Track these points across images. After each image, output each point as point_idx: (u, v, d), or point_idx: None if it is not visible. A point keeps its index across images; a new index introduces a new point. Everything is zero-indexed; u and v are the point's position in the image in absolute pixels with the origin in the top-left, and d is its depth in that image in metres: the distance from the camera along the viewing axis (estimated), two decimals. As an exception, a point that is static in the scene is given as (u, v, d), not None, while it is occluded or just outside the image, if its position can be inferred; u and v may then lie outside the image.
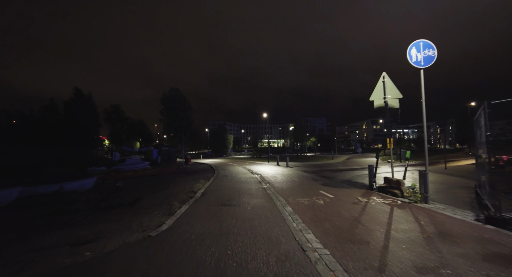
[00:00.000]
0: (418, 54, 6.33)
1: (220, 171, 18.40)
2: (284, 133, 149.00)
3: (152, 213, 6.68)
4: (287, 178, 12.96)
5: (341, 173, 16.07)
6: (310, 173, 15.64)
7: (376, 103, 8.16)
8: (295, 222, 5.00)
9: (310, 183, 10.83)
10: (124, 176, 22.61)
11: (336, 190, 8.82)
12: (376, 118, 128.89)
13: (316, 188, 9.35)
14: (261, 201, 7.20)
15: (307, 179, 12.57)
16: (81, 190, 14.34)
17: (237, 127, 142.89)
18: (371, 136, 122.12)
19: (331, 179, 12.51)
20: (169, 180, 15.52)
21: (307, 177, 13.49)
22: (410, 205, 6.38)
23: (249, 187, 10.16)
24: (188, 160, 36.62)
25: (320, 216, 5.42)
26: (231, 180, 12.58)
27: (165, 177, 19.04)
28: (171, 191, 10.60)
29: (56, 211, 8.50)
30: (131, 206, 8.40)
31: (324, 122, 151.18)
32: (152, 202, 8.46)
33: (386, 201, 6.91)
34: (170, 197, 9.09)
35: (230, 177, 14.06)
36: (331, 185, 10.26)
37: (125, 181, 18.17)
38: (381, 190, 8.27)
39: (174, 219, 5.47)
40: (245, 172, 16.99)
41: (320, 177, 13.31)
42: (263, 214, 5.73)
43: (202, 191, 9.35)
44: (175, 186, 12.25)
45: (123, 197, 10.04)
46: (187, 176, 16.97)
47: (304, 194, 8.24)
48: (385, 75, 8.04)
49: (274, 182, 11.61)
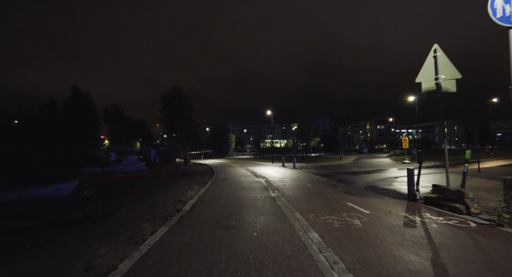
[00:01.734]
0: (506, 6, 4.24)
1: (219, 174, 16.39)
2: (286, 133, 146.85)
3: (119, 236, 4.67)
4: (298, 183, 10.89)
5: (358, 176, 13.97)
6: (323, 176, 13.56)
7: (424, 86, 6.07)
8: (334, 269, 2.95)
9: (328, 190, 8.76)
10: (115, 178, 20.74)
11: (367, 201, 6.75)
12: (380, 118, 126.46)
13: (340, 198, 7.27)
14: (271, 220, 5.15)
15: (323, 184, 10.50)
16: (59, 196, 12.46)
17: (239, 127, 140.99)
18: (375, 137, 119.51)
19: (351, 185, 10.43)
20: (162, 184, 13.56)
21: (321, 181, 11.42)
22: (496, 230, 4.28)
23: (253, 195, 8.11)
24: (188, 161, 34.81)
25: (371, 254, 3.36)
26: (231, 186, 10.55)
27: (159, 179, 17.09)
28: (158, 199, 8.61)
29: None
30: (102, 221, 6.41)
31: (327, 122, 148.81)
32: (127, 218, 6.45)
33: (450, 221, 4.82)
34: (153, 208, 7.09)
35: (230, 181, 12.03)
36: (355, 192, 8.19)
37: (114, 184, 16.28)
38: (429, 202, 6.18)
39: (136, 257, 3.43)
40: (247, 175, 14.96)
41: (337, 182, 11.22)
42: (277, 247, 3.68)
43: (194, 201, 7.31)
44: (165, 192, 10.27)
45: (96, 208, 8.04)
46: (182, 179, 15.00)
47: (328, 207, 6.18)
48: (437, 49, 5.94)
49: (283, 188, 9.55)
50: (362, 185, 10.41)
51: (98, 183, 17.28)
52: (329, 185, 10.04)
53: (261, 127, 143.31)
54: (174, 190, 10.30)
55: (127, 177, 21.15)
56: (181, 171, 22.57)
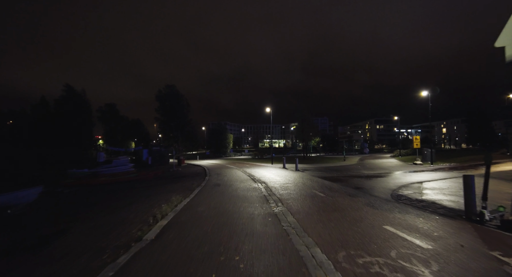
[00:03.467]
0: None
1: (212, 177, 14.32)
2: (285, 133, 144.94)
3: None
4: (306, 190, 8.84)
5: (373, 181, 11.94)
6: (333, 181, 11.51)
7: (510, 52, 4.03)
8: None
9: (348, 203, 6.71)
10: (97, 181, 18.59)
11: (412, 223, 4.71)
12: (380, 118, 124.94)
13: (370, 217, 5.23)
14: (276, 267, 3.09)
15: (337, 192, 8.45)
16: (17, 206, 10.35)
17: (237, 127, 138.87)
18: (375, 137, 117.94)
19: (371, 193, 8.39)
20: (144, 189, 11.45)
21: (333, 188, 9.38)
22: None
23: (249, 211, 6.04)
24: (181, 161, 32.82)
25: None
26: (223, 195, 8.47)
27: (144, 183, 14.96)
28: (128, 213, 6.52)
29: None
30: (32, 253, 4.35)
31: (326, 122, 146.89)
32: (71, 246, 4.38)
33: None
34: (114, 229, 5.04)
35: (222, 188, 9.95)
36: (385, 207, 6.15)
37: (94, 188, 14.17)
38: (509, 227, 4.16)
39: None
40: (244, 179, 12.90)
41: (353, 189, 9.17)
42: None
43: (166, 222, 5.24)
44: (142, 201, 8.17)
45: (41, 227, 5.96)
46: (169, 184, 12.91)
47: (359, 234, 4.14)
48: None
49: (288, 198, 7.50)
50: (386, 193, 8.39)
51: (76, 187, 15.22)
52: (346, 194, 7.99)
53: (259, 127, 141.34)
54: (153, 199, 8.22)
55: (111, 179, 19.05)
56: (172, 173, 20.48)
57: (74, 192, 12.84)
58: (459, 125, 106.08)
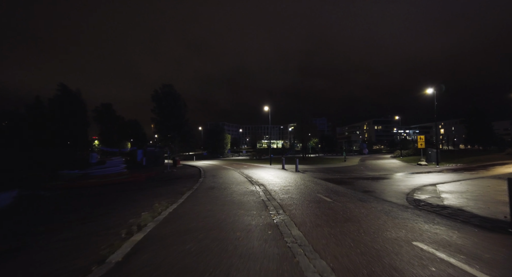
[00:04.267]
0: None
1: (207, 179, 13.35)
2: (283, 134, 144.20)
3: None
4: (309, 194, 7.89)
5: (381, 183, 11.01)
6: (337, 184, 10.57)
7: None
8: None
9: (361, 211, 5.76)
10: (86, 183, 17.51)
11: (445, 237, 3.79)
12: (378, 119, 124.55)
13: (395, 230, 4.27)
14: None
15: (344, 196, 7.50)
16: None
17: (235, 128, 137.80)
18: (373, 137, 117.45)
19: (383, 197, 7.43)
20: (132, 193, 10.42)
21: (339, 191, 8.44)
22: None
23: (245, 221, 5.07)
24: (177, 162, 31.82)
25: None
26: (216, 200, 7.49)
27: (134, 186, 13.93)
28: (103, 223, 5.52)
29: None
30: None
31: (325, 122, 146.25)
32: (10, 274, 3.39)
33: None
34: (77, 246, 4.05)
35: (216, 192, 8.97)
36: (405, 215, 5.22)
37: (80, 191, 13.11)
38: None
39: None
40: (241, 181, 11.94)
41: (361, 193, 8.23)
42: None
43: (141, 236, 4.25)
44: (125, 207, 7.16)
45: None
46: (160, 186, 11.91)
47: (390, 258, 3.19)
48: None
49: (290, 204, 6.54)
50: (399, 197, 7.46)
51: (61, 190, 14.12)
52: (355, 199, 7.05)
53: (257, 128, 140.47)
54: (139, 205, 7.23)
55: (101, 181, 18.01)
56: (165, 175, 19.46)
57: (57, 195, 11.79)
58: (457, 126, 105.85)
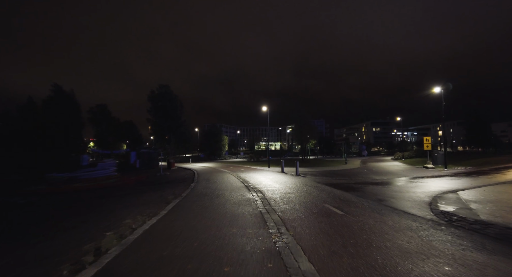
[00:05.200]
0: None
1: (199, 184, 12.17)
2: (281, 135, 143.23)
3: None
4: (316, 206, 6.74)
5: (391, 188, 9.89)
6: (344, 190, 9.43)
7: None
8: None
9: (387, 231, 4.63)
10: (70, 187, 16.25)
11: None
12: (376, 121, 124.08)
13: (443, 266, 3.16)
14: None
15: (357, 208, 6.37)
16: None
17: (233, 130, 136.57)
18: (371, 139, 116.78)
19: (404, 209, 6.32)
20: (112, 200, 9.22)
21: (348, 199, 7.31)
22: None
23: (239, 245, 3.89)
24: (172, 165, 30.59)
25: None
26: (205, 213, 6.31)
27: (120, 191, 12.71)
28: (60, 244, 4.36)
29: None
30: None
31: (322, 124, 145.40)
32: None
33: None
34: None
35: (208, 201, 7.80)
36: (444, 238, 4.11)
37: (60, 197, 11.87)
38: None
39: None
40: (237, 187, 10.77)
41: (375, 202, 7.09)
42: None
43: (93, 272, 3.10)
44: (97, 220, 5.97)
45: None
46: (146, 193, 10.70)
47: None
48: None
49: (293, 219, 5.38)
50: (421, 207, 6.34)
51: (41, 196, 12.86)
52: (370, 210, 5.93)
53: (255, 130, 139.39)
54: (113, 218, 6.06)
55: (87, 186, 16.77)
56: (157, 178, 18.23)
57: (31, 202, 10.54)
58: (455, 127, 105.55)
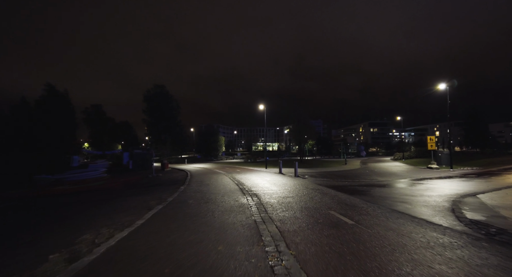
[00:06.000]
0: None
1: (190, 187, 11.17)
2: (279, 136, 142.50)
3: None
4: (320, 213, 5.79)
5: (401, 192, 8.97)
6: (349, 194, 8.48)
7: None
8: None
9: (410, 249, 3.68)
10: (52, 191, 15.15)
11: None
12: (374, 121, 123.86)
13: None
14: None
15: (368, 216, 5.42)
16: None
17: (230, 130, 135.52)
18: (369, 140, 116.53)
19: (424, 217, 5.39)
20: (88, 208, 8.19)
21: (355, 205, 6.37)
22: None
23: (225, 273, 2.97)
24: (165, 166, 29.54)
25: None
26: (189, 223, 5.31)
27: (104, 195, 11.65)
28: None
29: None
30: None
31: (320, 124, 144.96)
32: None
33: None
34: None
35: (195, 207, 6.80)
36: (489, 262, 3.18)
37: (43, 201, 10.80)
38: None
39: None
40: (231, 190, 9.79)
41: (387, 209, 6.17)
42: None
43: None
44: (57, 235, 4.98)
45: None
46: (130, 197, 9.66)
47: None
48: None
49: (295, 232, 4.41)
50: (444, 214, 5.40)
51: (16, 201, 11.73)
52: (384, 219, 4.98)
53: (252, 130, 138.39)
54: (76, 231, 5.08)
55: (70, 189, 15.66)
56: (148, 180, 17.17)
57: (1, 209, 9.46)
58: (452, 128, 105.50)
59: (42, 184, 17.10)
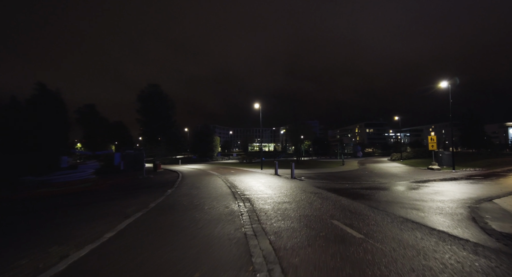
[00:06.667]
0: None
1: (179, 191, 10.32)
2: (275, 137, 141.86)
3: None
4: (322, 224, 5.01)
5: (408, 195, 8.24)
6: (352, 198, 7.71)
7: None
8: None
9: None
10: (34, 193, 14.17)
11: None
12: (370, 122, 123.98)
13: None
14: None
15: (378, 226, 4.66)
16: None
17: (226, 131, 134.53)
18: (365, 140, 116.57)
19: (445, 229, 4.63)
20: (67, 212, 7.32)
21: (361, 213, 5.61)
22: None
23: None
24: (158, 167, 28.62)
25: None
26: (167, 237, 4.47)
27: (86, 198, 10.78)
28: None
29: None
30: None
31: (317, 125, 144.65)
32: None
33: None
34: None
35: (178, 215, 5.97)
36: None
37: (16, 206, 9.86)
38: None
39: None
40: (222, 193, 8.97)
41: (400, 218, 5.42)
42: None
43: None
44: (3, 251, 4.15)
45: None
46: (111, 201, 8.79)
47: None
48: None
49: (293, 249, 3.61)
50: (465, 224, 4.66)
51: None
52: (398, 230, 4.22)
53: (248, 130, 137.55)
54: (25, 251, 4.25)
55: (55, 191, 14.69)
56: (137, 182, 16.25)
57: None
58: (447, 129, 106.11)
59: (26, 186, 16.17)
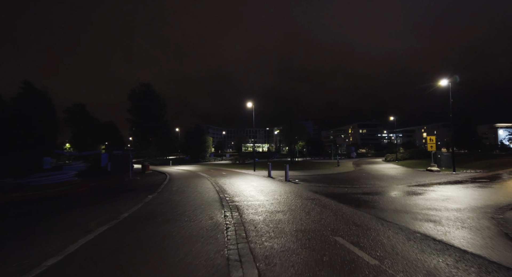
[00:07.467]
0: None
1: (160, 196, 9.28)
2: (269, 137, 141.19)
3: None
4: (327, 246, 4.08)
5: (417, 202, 7.41)
6: (355, 207, 6.82)
7: None
8: None
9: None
10: (6, 198, 12.90)
11: None
12: (363, 122, 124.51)
13: None
14: None
15: (397, 250, 3.79)
16: None
17: (220, 131, 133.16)
18: (358, 141, 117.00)
19: (487, 257, 3.81)
20: (25, 222, 6.26)
21: (371, 228, 4.72)
22: None
23: None
24: (146, 168, 27.46)
25: None
26: (125, 265, 3.47)
27: (61, 203, 9.64)
28: None
29: None
30: None
31: (310, 125, 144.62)
32: None
33: None
34: None
35: (152, 229, 4.95)
36: None
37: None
38: None
39: None
40: (208, 200, 7.98)
41: (420, 236, 4.53)
42: None
43: None
44: None
45: None
46: (87, 207, 7.72)
47: None
48: None
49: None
50: (505, 245, 3.84)
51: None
52: (420, 253, 3.36)
53: (241, 131, 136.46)
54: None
55: (28, 195, 13.40)
56: (121, 185, 15.10)
57: None
58: (439, 130, 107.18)
59: (1, 189, 14.89)
